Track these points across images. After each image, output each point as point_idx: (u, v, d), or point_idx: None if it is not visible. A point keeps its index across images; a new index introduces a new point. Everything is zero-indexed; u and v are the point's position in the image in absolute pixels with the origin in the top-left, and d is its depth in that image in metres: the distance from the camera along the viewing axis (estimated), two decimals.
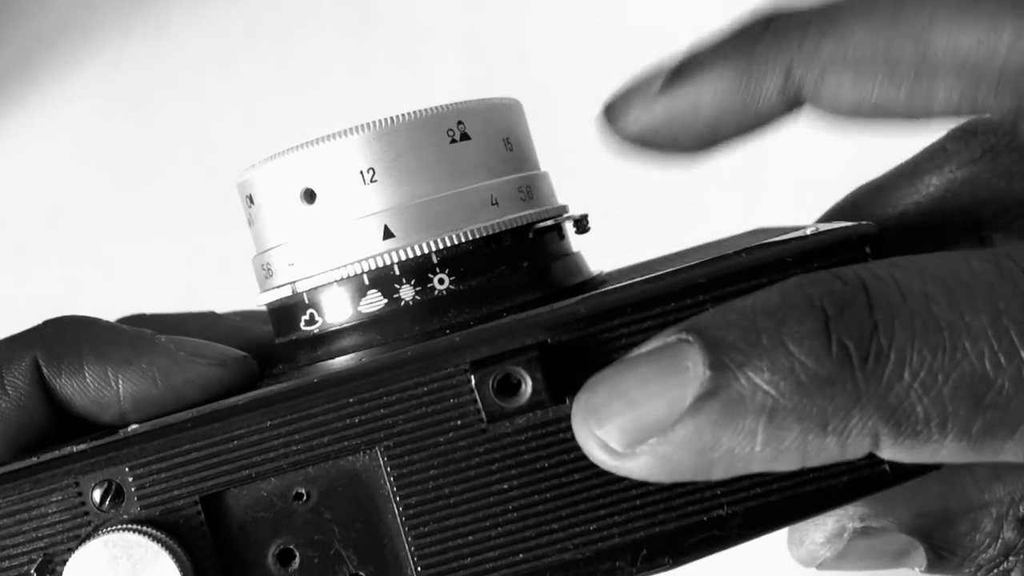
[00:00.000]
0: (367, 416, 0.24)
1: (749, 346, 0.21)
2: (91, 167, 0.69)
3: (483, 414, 0.24)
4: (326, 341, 0.27)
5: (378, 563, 0.25)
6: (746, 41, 0.27)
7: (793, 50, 0.26)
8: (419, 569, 0.24)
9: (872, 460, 0.24)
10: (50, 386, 0.28)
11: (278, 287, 0.27)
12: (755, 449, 0.21)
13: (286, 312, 0.28)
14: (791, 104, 0.27)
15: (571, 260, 0.29)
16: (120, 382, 0.27)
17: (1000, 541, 0.25)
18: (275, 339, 0.29)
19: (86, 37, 0.72)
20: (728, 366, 0.21)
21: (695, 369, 0.22)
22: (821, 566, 0.26)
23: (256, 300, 0.29)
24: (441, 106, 0.27)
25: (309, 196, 0.27)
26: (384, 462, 0.24)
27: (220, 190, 0.69)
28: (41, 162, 0.70)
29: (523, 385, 0.24)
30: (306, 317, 0.27)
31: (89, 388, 0.27)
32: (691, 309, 0.24)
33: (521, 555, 0.24)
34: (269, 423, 0.24)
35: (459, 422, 0.24)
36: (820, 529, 0.26)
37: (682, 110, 0.27)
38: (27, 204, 0.69)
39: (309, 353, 0.27)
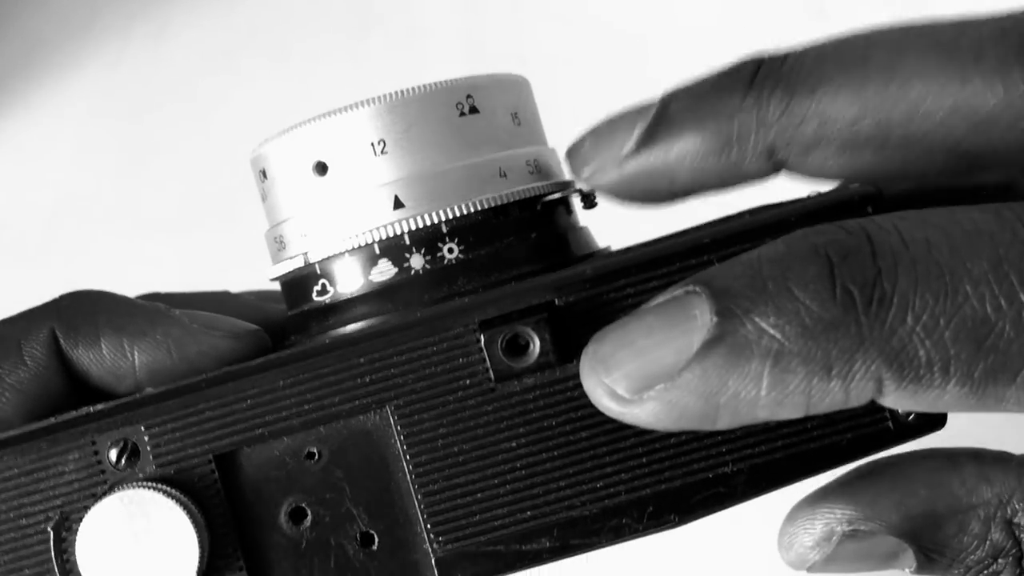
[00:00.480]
0: (377, 376, 0.25)
1: (755, 293, 0.22)
2: (91, 167, 0.69)
3: (491, 374, 0.25)
4: (337, 310, 0.27)
5: (388, 521, 0.25)
6: (727, 105, 0.27)
7: (774, 123, 0.26)
8: (429, 526, 0.25)
9: (876, 416, 0.25)
10: (67, 357, 0.28)
11: (290, 258, 0.28)
12: (760, 393, 0.22)
13: (298, 283, 0.28)
14: (775, 169, 0.27)
15: (579, 234, 0.29)
16: (136, 353, 0.27)
17: (988, 543, 0.25)
18: (287, 312, 0.29)
19: (86, 37, 0.72)
20: (734, 312, 0.22)
21: (702, 317, 0.22)
22: (811, 569, 0.26)
23: (268, 273, 0.29)
24: (451, 80, 0.28)
25: (321, 168, 0.27)
26: (394, 421, 0.25)
27: (220, 190, 0.69)
28: (41, 162, 0.70)
29: (531, 345, 0.24)
30: (318, 287, 0.27)
31: (105, 359, 0.28)
32: (696, 269, 0.24)
33: (529, 512, 0.25)
34: (282, 383, 0.25)
35: (468, 381, 0.25)
36: (809, 532, 0.26)
37: (658, 168, 0.27)
38: (27, 204, 0.69)
39: (321, 323, 0.27)
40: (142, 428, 0.25)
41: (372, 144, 0.27)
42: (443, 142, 0.27)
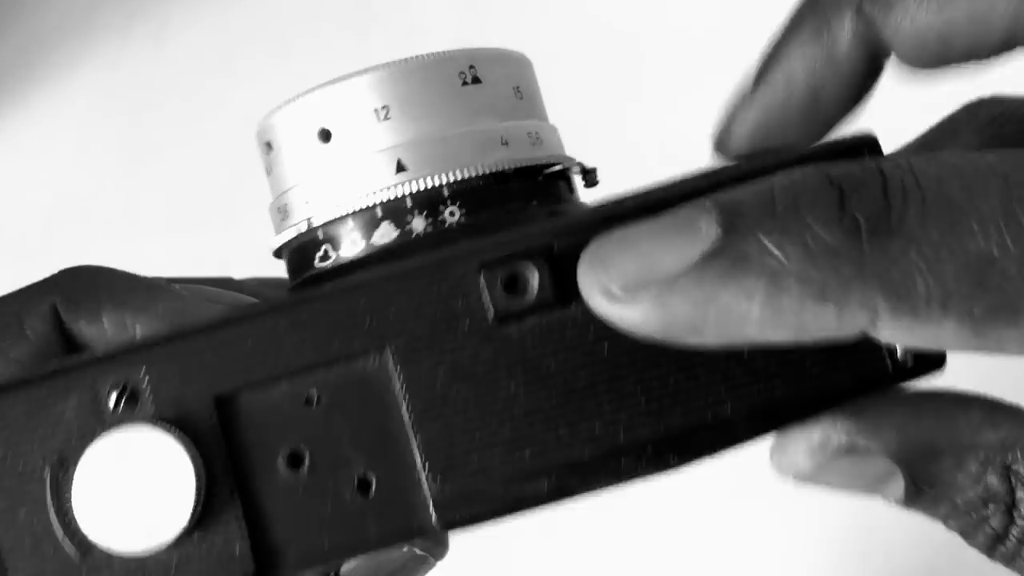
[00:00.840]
0: (377, 318, 0.25)
1: (763, 213, 0.22)
2: (91, 167, 0.70)
3: (491, 313, 0.25)
4: (339, 274, 0.27)
5: (387, 465, 0.25)
6: (809, 4, 0.27)
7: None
8: (427, 468, 0.25)
9: (874, 356, 0.25)
10: (68, 331, 0.28)
11: (293, 225, 0.28)
12: (752, 309, 0.22)
13: (300, 251, 0.28)
14: (872, 49, 0.27)
15: (580, 207, 0.29)
16: (137, 327, 0.28)
17: (982, 485, 0.25)
18: (290, 285, 0.29)
19: (86, 37, 0.72)
20: (739, 228, 0.22)
21: (708, 229, 0.22)
22: (798, 477, 0.26)
23: (271, 244, 0.29)
24: (454, 50, 0.28)
25: (325, 135, 0.28)
26: (393, 363, 0.25)
27: (220, 190, 0.69)
28: (41, 162, 0.70)
29: (530, 283, 0.24)
30: (320, 253, 0.28)
31: (107, 333, 0.28)
32: None
33: (528, 454, 0.25)
34: (283, 325, 0.25)
35: (467, 323, 0.25)
36: (805, 438, 0.25)
37: (778, 96, 0.28)
38: (27, 204, 0.69)
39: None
40: (142, 370, 0.25)
41: (375, 110, 0.27)
42: (445, 109, 0.27)
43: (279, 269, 0.32)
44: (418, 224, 0.27)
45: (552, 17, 0.69)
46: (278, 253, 0.29)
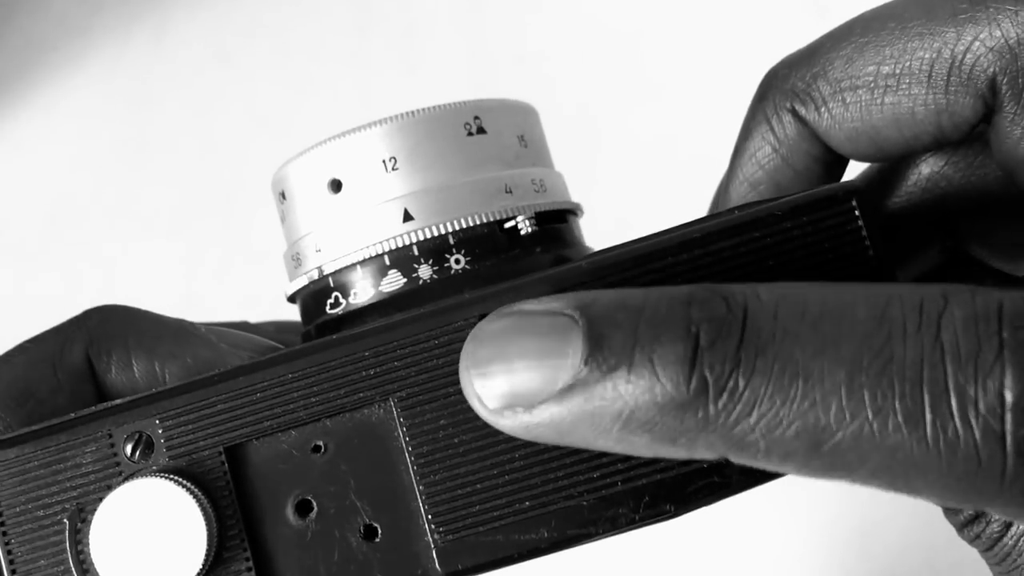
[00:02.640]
0: (382, 368, 0.25)
1: (623, 354, 0.23)
2: (91, 167, 0.70)
3: None
4: (349, 321, 0.28)
5: (392, 513, 0.26)
6: (753, 109, 0.30)
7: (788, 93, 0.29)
8: (430, 517, 0.25)
9: None
10: (100, 379, 0.29)
11: (305, 273, 0.29)
12: (608, 442, 0.23)
13: (313, 297, 0.29)
14: (819, 145, 0.29)
15: (583, 252, 0.30)
16: (167, 375, 0.28)
17: None
18: (302, 330, 0.30)
19: (86, 38, 0.72)
20: (600, 367, 0.23)
21: (573, 358, 0.23)
22: None
23: (286, 290, 0.30)
24: (459, 102, 0.29)
25: (335, 186, 0.28)
26: (397, 413, 0.25)
27: (220, 190, 0.69)
28: (41, 162, 0.70)
29: None
30: (331, 300, 0.28)
31: (138, 381, 0.29)
32: (687, 264, 0.25)
33: (528, 503, 0.25)
34: (290, 376, 0.25)
35: None
36: None
37: (748, 195, 0.30)
38: (27, 204, 0.69)
39: (334, 333, 0.28)
40: (156, 421, 0.26)
41: (383, 161, 0.28)
42: (451, 160, 0.28)
43: (278, 275, 0.32)
44: (424, 272, 0.27)
45: (552, 17, 0.69)
46: (292, 299, 0.30)
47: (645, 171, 0.63)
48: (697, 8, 0.67)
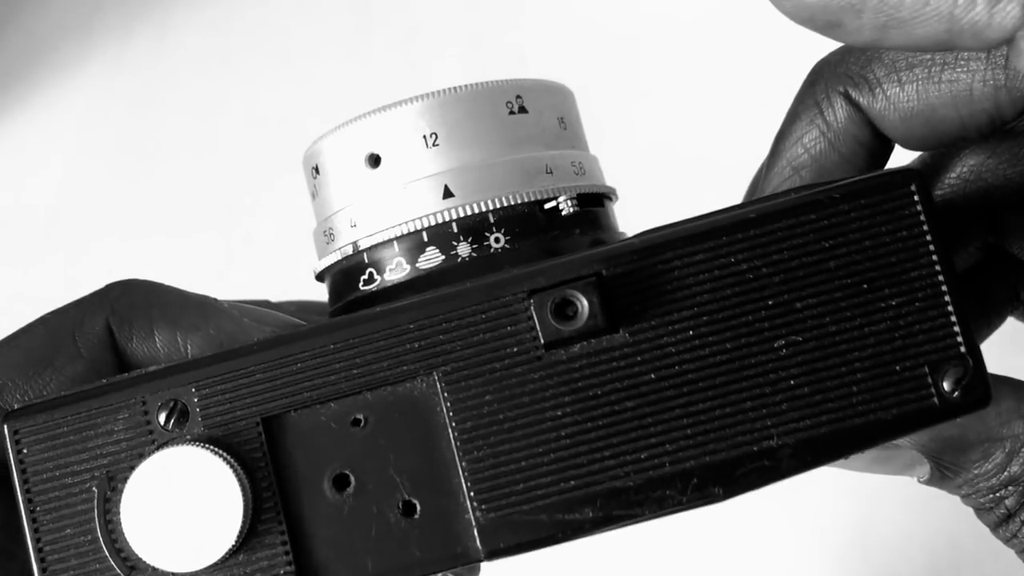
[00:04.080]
0: (426, 342, 0.25)
1: None
2: (92, 167, 0.69)
3: (540, 338, 0.25)
4: (384, 297, 0.27)
5: (431, 489, 0.25)
6: (803, 94, 0.29)
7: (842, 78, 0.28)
8: (472, 494, 0.25)
9: (922, 393, 0.25)
10: (121, 349, 0.28)
11: (339, 249, 0.28)
12: None
13: (345, 274, 0.29)
14: (868, 131, 0.28)
15: (618, 237, 0.30)
16: (189, 347, 0.28)
17: (1005, 474, 0.26)
18: (330, 308, 0.29)
19: (87, 38, 0.72)
20: None
21: None
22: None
23: (316, 266, 0.30)
24: (502, 80, 0.29)
25: (374, 160, 0.28)
26: (441, 387, 0.25)
27: (220, 190, 0.69)
28: (42, 162, 0.70)
29: (580, 309, 0.25)
30: (365, 276, 0.28)
31: (159, 353, 0.28)
32: (741, 243, 0.25)
33: (572, 482, 0.25)
34: (332, 347, 0.25)
35: (515, 349, 0.25)
36: None
37: (788, 181, 0.29)
38: (27, 204, 0.69)
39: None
40: (192, 389, 0.25)
41: (424, 136, 0.28)
42: (493, 137, 0.28)
43: (278, 274, 0.32)
44: (463, 250, 0.27)
45: (551, 17, 0.69)
46: (320, 276, 0.30)
47: (647, 169, 0.63)
48: (698, 8, 0.67)
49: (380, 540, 0.25)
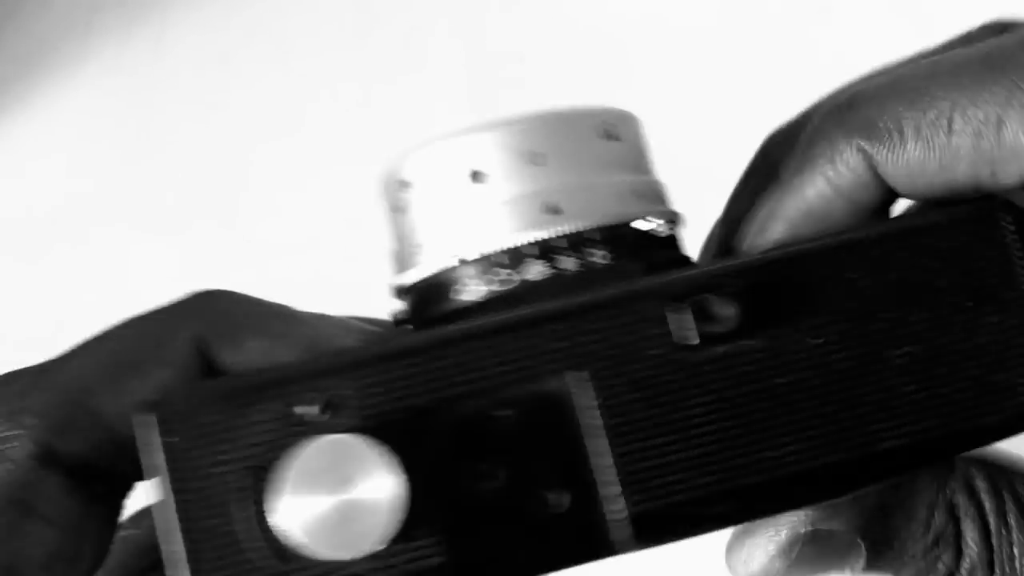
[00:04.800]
0: (574, 342, 0.26)
1: None
2: (91, 167, 0.70)
3: (681, 340, 0.26)
4: (490, 308, 0.28)
5: (580, 482, 0.26)
6: (813, 142, 0.29)
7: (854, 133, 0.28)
8: (623, 486, 0.26)
9: (1020, 401, 0.27)
10: (213, 358, 0.28)
11: (436, 260, 0.29)
12: None
13: (438, 288, 0.29)
14: (876, 183, 0.28)
15: (690, 259, 0.31)
16: (279, 354, 0.28)
17: (932, 528, 0.26)
18: (420, 318, 0.30)
19: (87, 38, 0.72)
20: None
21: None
22: None
23: (403, 280, 0.30)
24: (587, 107, 0.30)
25: (478, 176, 0.29)
26: (592, 386, 0.26)
27: (220, 190, 0.69)
28: (42, 162, 0.70)
29: (716, 315, 0.26)
30: (467, 288, 0.29)
31: (253, 361, 0.28)
32: (864, 261, 0.27)
33: (716, 475, 0.26)
34: (482, 345, 0.26)
35: (660, 351, 0.26)
36: (773, 540, 0.27)
37: (796, 226, 0.29)
38: (27, 204, 0.69)
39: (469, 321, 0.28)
40: (347, 382, 0.26)
41: (530, 154, 0.29)
42: (593, 159, 0.29)
43: (278, 274, 0.32)
44: (570, 264, 0.28)
45: (551, 17, 0.69)
46: (406, 290, 0.30)
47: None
48: (693, 9, 0.67)
49: (529, 534, 0.26)
